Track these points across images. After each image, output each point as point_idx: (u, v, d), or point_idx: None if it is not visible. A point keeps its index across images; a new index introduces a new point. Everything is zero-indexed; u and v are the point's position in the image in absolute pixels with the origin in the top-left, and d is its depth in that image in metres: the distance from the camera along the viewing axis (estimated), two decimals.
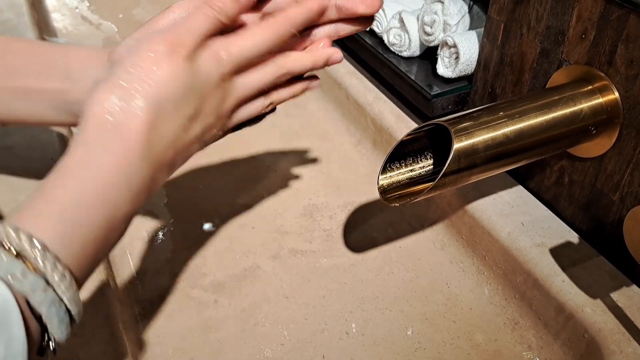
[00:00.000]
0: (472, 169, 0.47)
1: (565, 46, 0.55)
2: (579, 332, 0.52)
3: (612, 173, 0.53)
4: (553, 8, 0.55)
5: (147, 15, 1.17)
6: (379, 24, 0.78)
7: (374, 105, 0.79)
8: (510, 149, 0.48)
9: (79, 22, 1.13)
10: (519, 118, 0.49)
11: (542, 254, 0.56)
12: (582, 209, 0.58)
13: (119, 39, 1.08)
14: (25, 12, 0.95)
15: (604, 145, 0.53)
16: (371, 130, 0.81)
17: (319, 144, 0.85)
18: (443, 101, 0.69)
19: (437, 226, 0.68)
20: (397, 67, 0.74)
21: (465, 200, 0.63)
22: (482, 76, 0.66)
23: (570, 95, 0.52)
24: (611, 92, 0.51)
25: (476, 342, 0.58)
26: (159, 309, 0.59)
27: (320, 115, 0.90)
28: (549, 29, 0.56)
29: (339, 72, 0.86)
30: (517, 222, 0.59)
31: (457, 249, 0.66)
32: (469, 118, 0.48)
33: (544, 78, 0.58)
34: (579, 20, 0.53)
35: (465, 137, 0.46)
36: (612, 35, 0.50)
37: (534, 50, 0.58)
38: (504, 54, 0.62)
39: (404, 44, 0.74)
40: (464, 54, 0.66)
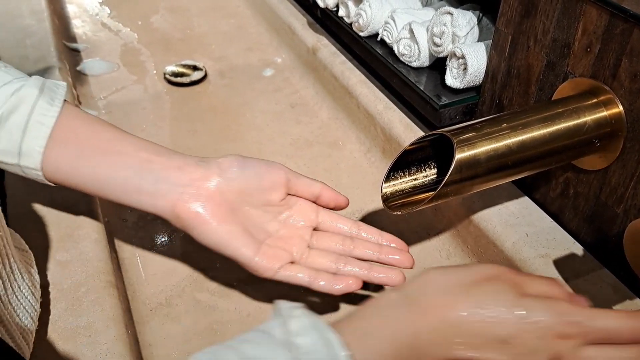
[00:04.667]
0: (474, 179, 0.48)
1: (571, 59, 0.55)
2: None
3: (616, 186, 0.54)
4: (559, 21, 0.55)
5: (165, 22, 1.19)
6: (389, 34, 0.79)
7: (383, 114, 0.80)
8: (513, 160, 0.49)
9: (99, 28, 1.15)
10: (521, 130, 0.49)
11: (545, 265, 0.56)
12: (586, 221, 0.58)
13: (137, 45, 1.10)
14: (46, 18, 0.97)
15: (608, 158, 0.53)
16: (380, 139, 0.81)
17: (329, 152, 0.86)
18: (451, 111, 0.70)
19: (443, 235, 0.69)
20: (407, 77, 0.75)
21: (470, 210, 0.64)
22: (489, 87, 0.67)
23: (574, 107, 0.52)
24: (615, 106, 0.52)
25: None
26: (166, 312, 0.60)
27: (331, 124, 0.91)
28: (555, 42, 0.56)
29: (350, 81, 0.87)
30: (522, 233, 0.59)
31: (462, 258, 0.66)
32: (472, 129, 0.49)
33: (550, 90, 0.58)
34: (584, 34, 0.53)
35: (467, 148, 0.47)
36: (617, 49, 0.50)
37: (540, 62, 0.59)
38: (511, 66, 0.62)
39: (414, 54, 0.75)
40: (472, 65, 0.66)
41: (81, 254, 0.55)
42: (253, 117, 0.92)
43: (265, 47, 1.12)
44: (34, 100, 0.50)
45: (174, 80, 0.98)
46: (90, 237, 0.58)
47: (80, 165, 0.51)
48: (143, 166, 0.51)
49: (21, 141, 0.50)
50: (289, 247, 0.54)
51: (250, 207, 0.54)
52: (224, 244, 0.51)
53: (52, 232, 0.58)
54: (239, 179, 0.53)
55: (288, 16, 1.07)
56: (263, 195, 0.54)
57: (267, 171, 0.54)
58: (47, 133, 0.50)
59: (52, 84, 0.53)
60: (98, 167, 0.51)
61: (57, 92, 0.53)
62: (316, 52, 0.96)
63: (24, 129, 0.49)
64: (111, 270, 0.55)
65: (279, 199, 0.55)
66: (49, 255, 0.55)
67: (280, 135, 0.89)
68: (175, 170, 0.52)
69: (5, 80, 0.50)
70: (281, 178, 0.55)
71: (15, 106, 0.49)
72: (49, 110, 0.50)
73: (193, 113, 0.92)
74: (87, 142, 0.51)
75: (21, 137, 0.50)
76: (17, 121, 0.49)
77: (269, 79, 1.02)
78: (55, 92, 0.52)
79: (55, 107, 0.51)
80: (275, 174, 0.55)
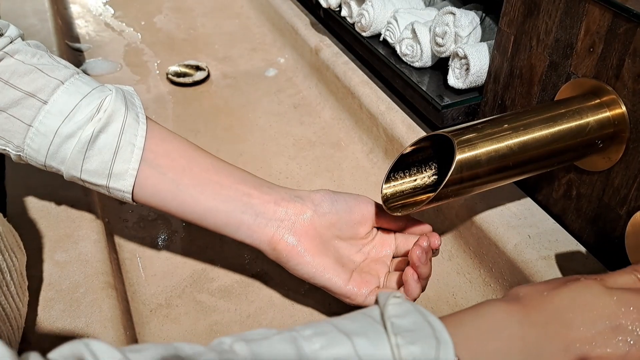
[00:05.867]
0: (475, 180, 0.47)
1: (574, 59, 0.55)
2: None
3: (619, 187, 0.53)
4: (562, 21, 0.55)
5: (169, 23, 1.19)
6: (391, 34, 0.79)
7: (386, 114, 0.80)
8: (514, 162, 0.49)
9: (102, 28, 1.15)
10: (523, 130, 0.49)
11: (548, 267, 0.56)
12: (589, 223, 0.58)
13: (141, 45, 1.10)
14: (49, 18, 0.97)
15: (611, 159, 0.53)
16: (383, 139, 0.81)
17: (332, 152, 0.85)
18: (453, 112, 0.69)
19: (446, 236, 0.68)
20: (409, 78, 0.74)
21: (473, 211, 0.63)
22: (492, 88, 0.66)
23: (577, 108, 0.51)
24: (618, 106, 0.51)
25: None
26: (166, 312, 0.60)
27: (333, 124, 0.91)
28: (557, 42, 0.56)
29: (352, 81, 0.87)
30: (524, 235, 0.59)
31: (464, 260, 0.66)
32: (473, 130, 0.48)
33: (552, 91, 0.58)
34: (587, 34, 0.53)
35: (468, 149, 0.47)
36: (620, 49, 0.50)
37: (543, 63, 0.58)
38: (513, 66, 0.62)
39: (416, 54, 0.75)
40: (474, 66, 0.66)
41: (80, 255, 0.55)
42: (256, 117, 0.92)
43: (269, 47, 1.12)
44: (123, 118, 0.50)
45: (176, 80, 0.98)
46: (90, 238, 0.57)
47: (180, 193, 0.52)
48: (244, 200, 0.53)
49: (112, 163, 0.50)
50: (374, 273, 0.56)
51: (339, 240, 0.56)
52: (318, 275, 0.54)
53: (52, 232, 0.57)
54: (331, 213, 0.55)
55: (291, 16, 1.07)
56: (352, 228, 0.56)
57: (356, 205, 0.56)
58: (139, 155, 0.51)
59: (128, 94, 0.53)
60: (199, 198, 0.53)
61: (136, 103, 0.53)
62: (319, 53, 0.96)
63: (115, 150, 0.50)
64: (110, 270, 0.55)
65: (365, 232, 0.57)
66: (48, 256, 0.55)
67: (283, 136, 0.88)
68: (272, 205, 0.54)
69: (83, 92, 0.50)
70: (369, 212, 0.57)
71: (105, 125, 0.50)
72: (137, 129, 0.51)
73: (196, 113, 0.92)
74: (184, 170, 0.53)
75: (112, 158, 0.50)
76: (108, 141, 0.50)
77: (272, 79, 1.02)
78: (135, 105, 0.53)
79: (142, 125, 0.52)
80: (364, 208, 0.57)
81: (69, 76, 0.51)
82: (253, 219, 0.53)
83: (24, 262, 0.49)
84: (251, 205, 0.53)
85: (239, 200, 0.53)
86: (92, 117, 0.49)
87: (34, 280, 0.52)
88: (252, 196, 0.54)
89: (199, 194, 0.53)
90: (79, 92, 0.50)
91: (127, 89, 0.54)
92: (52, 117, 0.49)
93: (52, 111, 0.49)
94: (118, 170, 0.51)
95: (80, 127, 0.49)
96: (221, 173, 0.54)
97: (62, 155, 0.50)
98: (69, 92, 0.50)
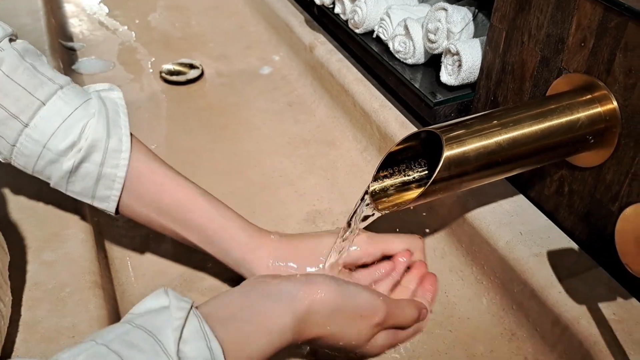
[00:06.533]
0: (463, 176, 0.47)
1: (565, 54, 0.54)
2: (575, 345, 0.51)
3: (611, 183, 0.52)
4: (553, 16, 0.54)
5: (163, 21, 1.19)
6: (384, 31, 0.78)
7: (379, 112, 0.79)
8: (503, 157, 0.48)
9: (96, 27, 1.15)
10: (512, 126, 0.48)
11: (539, 264, 0.55)
12: (581, 220, 0.57)
13: (134, 44, 1.09)
14: (41, 17, 0.97)
15: (602, 155, 0.52)
16: (376, 137, 0.80)
17: (327, 151, 0.85)
18: (446, 109, 0.69)
19: (439, 234, 0.68)
20: (402, 75, 0.74)
21: (465, 208, 0.63)
22: (484, 84, 0.65)
23: (568, 104, 0.51)
24: (610, 102, 0.50)
25: (472, 352, 0.57)
26: None
27: (328, 122, 0.90)
28: (549, 37, 0.55)
29: (346, 79, 0.86)
30: (516, 232, 0.58)
31: (457, 257, 0.65)
32: (462, 126, 0.48)
33: (544, 86, 0.57)
34: (579, 28, 0.52)
35: (456, 145, 0.46)
36: (611, 43, 0.49)
37: (535, 58, 0.57)
38: (505, 62, 0.61)
39: (409, 51, 0.74)
40: (467, 62, 0.65)
41: (67, 254, 0.55)
42: (250, 115, 0.92)
43: (264, 45, 1.11)
44: (104, 147, 0.51)
45: (170, 78, 0.97)
46: (77, 237, 0.57)
47: (161, 220, 0.55)
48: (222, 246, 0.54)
49: (94, 189, 0.53)
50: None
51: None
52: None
53: (39, 231, 0.57)
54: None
55: (286, 14, 1.06)
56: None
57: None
58: (120, 184, 0.53)
59: (112, 108, 0.54)
60: (179, 231, 0.55)
61: (120, 124, 0.53)
62: (313, 50, 0.95)
63: (96, 179, 0.52)
64: (97, 270, 0.55)
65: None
66: (35, 255, 0.55)
67: (277, 134, 0.88)
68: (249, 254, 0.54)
69: (64, 114, 0.51)
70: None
71: (86, 154, 0.51)
72: (119, 159, 0.52)
73: (189, 112, 0.92)
74: (162, 203, 0.54)
75: (94, 186, 0.52)
76: (89, 171, 0.52)
77: (266, 77, 1.02)
78: (119, 125, 0.53)
79: (124, 153, 0.52)
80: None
81: (51, 94, 0.51)
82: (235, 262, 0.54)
83: (7, 263, 0.49)
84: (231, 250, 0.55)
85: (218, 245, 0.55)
86: (73, 146, 0.51)
87: (20, 280, 0.52)
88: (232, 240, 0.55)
89: (179, 230, 0.55)
90: (60, 114, 0.51)
91: (113, 100, 0.55)
92: (33, 142, 0.50)
93: (33, 136, 0.50)
94: (101, 195, 0.53)
95: (62, 155, 0.51)
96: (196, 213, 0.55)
97: (47, 175, 0.53)
98: (48, 116, 0.50)
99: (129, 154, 0.53)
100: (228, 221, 0.55)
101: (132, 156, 0.53)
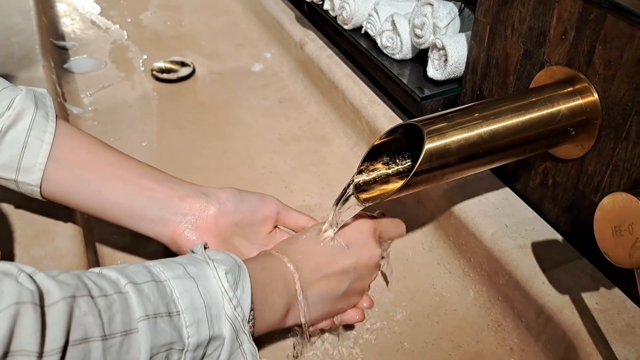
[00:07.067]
0: (445, 168, 0.47)
1: (547, 47, 0.55)
2: (558, 335, 0.52)
3: (593, 174, 0.53)
4: (535, 9, 0.55)
5: (156, 20, 1.19)
6: (372, 26, 0.79)
7: (368, 108, 0.80)
8: (485, 149, 0.48)
9: (88, 26, 1.15)
10: (494, 119, 0.49)
11: (524, 256, 0.56)
12: (565, 211, 0.58)
13: (126, 43, 1.10)
14: (32, 17, 0.97)
15: (584, 147, 0.53)
16: (366, 132, 0.81)
17: (317, 147, 0.85)
18: (432, 103, 0.69)
19: (426, 228, 0.68)
20: (390, 70, 0.74)
21: (452, 201, 0.63)
22: (470, 78, 0.66)
23: (549, 96, 0.51)
24: (590, 94, 0.51)
25: (458, 343, 0.58)
26: None
27: (319, 118, 0.91)
28: (531, 30, 0.56)
29: (336, 75, 0.87)
30: (501, 224, 0.59)
31: (444, 250, 0.66)
32: (444, 119, 0.48)
33: (527, 79, 0.58)
34: (559, 21, 0.52)
35: (438, 138, 0.47)
36: (591, 35, 0.50)
37: (518, 52, 0.58)
38: (490, 56, 0.62)
39: (396, 46, 0.75)
40: (452, 56, 0.66)
41: (56, 250, 0.55)
42: (241, 113, 0.92)
43: (256, 43, 1.12)
44: (32, 116, 0.52)
45: (161, 76, 0.98)
46: (66, 234, 0.57)
47: (84, 188, 0.53)
48: (147, 195, 0.54)
49: (21, 157, 0.51)
50: None
51: (240, 238, 0.57)
52: None
53: (28, 227, 0.58)
54: (235, 212, 0.56)
55: (277, 11, 1.07)
56: (254, 227, 0.58)
57: (260, 206, 0.58)
58: (47, 151, 0.52)
59: (39, 95, 0.54)
60: (102, 192, 0.54)
61: (47, 103, 0.54)
62: (304, 47, 0.96)
63: (23, 145, 0.51)
64: (86, 266, 0.55)
65: (267, 232, 0.58)
66: (24, 251, 0.55)
67: (268, 131, 0.88)
68: (176, 200, 0.55)
69: None
70: (272, 213, 0.58)
71: (14, 121, 0.51)
72: (46, 126, 0.52)
73: (180, 109, 0.92)
74: (89, 166, 0.54)
75: (20, 153, 0.51)
76: (17, 137, 0.51)
77: (258, 74, 1.02)
78: (46, 105, 0.54)
79: (51, 123, 0.53)
80: (267, 209, 0.58)
81: None
82: (156, 214, 0.54)
83: None
84: (155, 200, 0.54)
85: (142, 195, 0.54)
86: (2, 115, 0.51)
87: None
88: (155, 191, 0.54)
89: (102, 189, 0.53)
90: None
91: (39, 91, 0.55)
92: None
93: None
94: (26, 165, 0.52)
95: None
96: (125, 168, 0.55)
97: None
98: None
99: (55, 124, 0.53)
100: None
101: (59, 127, 0.53)
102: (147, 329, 0.38)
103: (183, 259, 0.45)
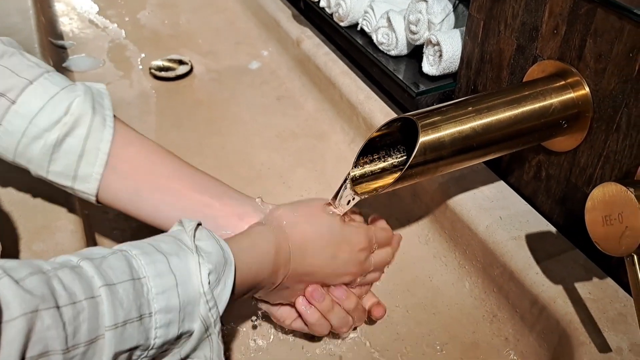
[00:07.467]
0: (439, 161, 0.48)
1: (539, 42, 0.55)
2: (552, 324, 0.53)
3: (585, 167, 0.54)
4: (527, 4, 0.56)
5: (154, 18, 1.20)
6: (368, 23, 0.80)
7: (365, 104, 0.80)
8: (478, 142, 0.49)
9: (86, 25, 1.16)
10: (487, 112, 0.50)
11: (518, 247, 0.57)
12: (558, 203, 0.59)
13: (124, 41, 1.10)
14: (31, 16, 0.97)
15: (576, 139, 0.54)
16: (363, 128, 0.82)
17: (315, 143, 0.86)
18: (428, 99, 0.70)
19: (422, 221, 0.69)
20: (385, 66, 0.75)
21: (447, 195, 0.64)
22: (465, 74, 0.67)
23: (541, 90, 0.52)
24: (582, 87, 0.52)
25: (454, 334, 0.59)
26: None
27: (317, 115, 0.92)
28: (524, 25, 0.57)
29: (333, 71, 0.88)
30: (496, 216, 0.60)
31: (440, 243, 0.66)
32: (438, 112, 0.49)
33: (520, 74, 0.59)
34: (551, 16, 0.53)
35: (432, 131, 0.48)
36: (582, 29, 0.51)
37: (511, 47, 0.59)
38: (484, 51, 0.63)
39: (392, 42, 0.75)
40: (447, 52, 0.67)
41: (57, 245, 0.56)
42: (239, 110, 0.93)
43: (254, 41, 1.12)
44: (89, 122, 0.51)
45: (159, 74, 0.98)
46: (67, 229, 0.58)
47: (140, 200, 0.54)
48: (204, 212, 0.54)
49: (77, 166, 0.52)
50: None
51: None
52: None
53: (29, 222, 0.58)
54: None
55: (274, 10, 1.07)
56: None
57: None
58: (103, 160, 0.52)
59: (97, 92, 0.54)
60: (158, 207, 0.54)
61: (104, 105, 0.54)
62: (300, 44, 0.97)
63: (80, 154, 0.51)
64: None
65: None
66: (26, 246, 0.56)
67: (266, 128, 0.89)
68: (236, 219, 0.54)
69: (51, 93, 0.51)
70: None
71: (71, 128, 0.51)
72: (103, 133, 0.52)
73: (179, 107, 0.93)
74: (145, 177, 0.54)
75: (77, 162, 0.51)
76: (74, 145, 0.51)
77: (255, 72, 1.03)
78: (103, 107, 0.54)
79: (108, 129, 0.53)
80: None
81: (38, 76, 0.51)
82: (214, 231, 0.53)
83: None
84: (212, 218, 0.54)
85: (199, 212, 0.54)
86: (59, 120, 0.50)
87: None
88: (212, 207, 0.54)
89: (158, 203, 0.54)
90: (47, 92, 0.51)
91: (97, 88, 0.55)
92: (20, 117, 0.50)
93: (20, 111, 0.50)
94: (82, 174, 0.52)
95: (47, 130, 0.50)
96: (182, 180, 0.55)
97: (29, 155, 0.51)
98: (36, 93, 0.50)
99: (113, 130, 0.53)
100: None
101: (117, 133, 0.53)
102: (113, 337, 0.37)
103: (170, 246, 0.43)
